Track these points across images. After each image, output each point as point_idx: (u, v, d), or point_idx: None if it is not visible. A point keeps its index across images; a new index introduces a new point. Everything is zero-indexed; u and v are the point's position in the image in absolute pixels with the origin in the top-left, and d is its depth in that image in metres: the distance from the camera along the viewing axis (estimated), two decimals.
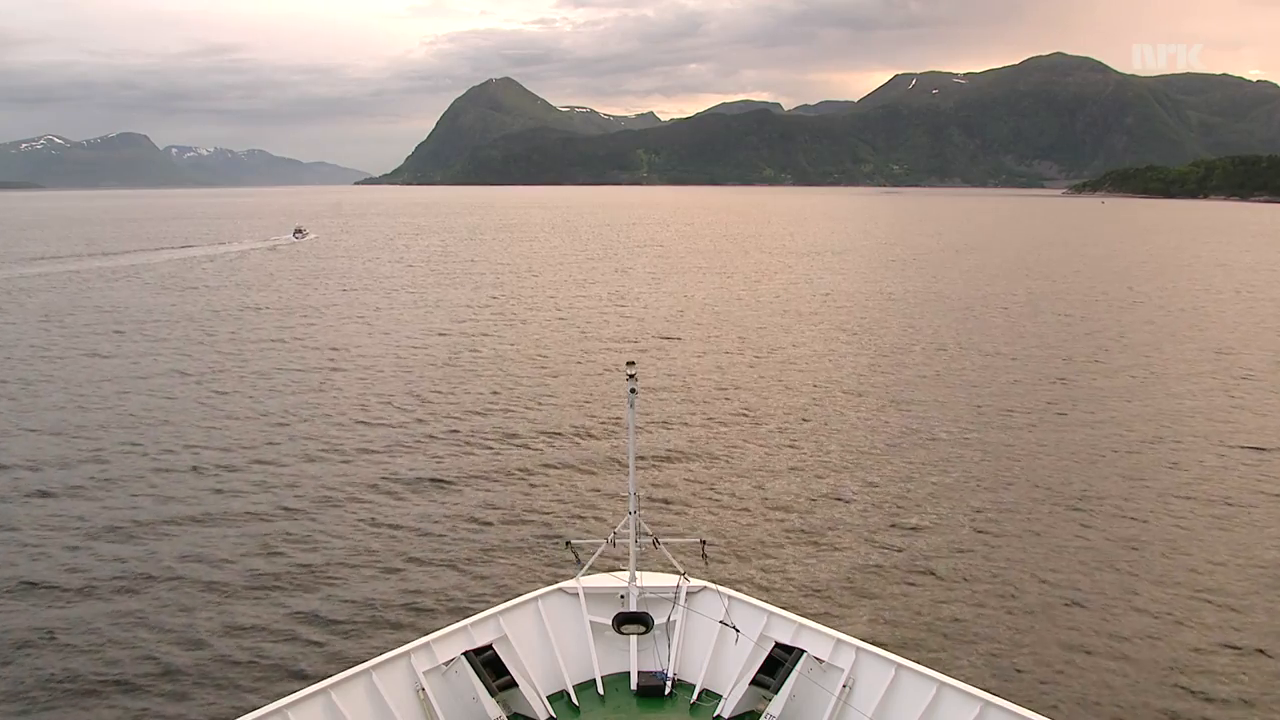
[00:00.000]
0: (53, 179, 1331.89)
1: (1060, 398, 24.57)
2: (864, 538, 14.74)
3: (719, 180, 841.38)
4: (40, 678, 10.51)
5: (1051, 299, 45.25)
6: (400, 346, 31.87)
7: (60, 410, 22.76)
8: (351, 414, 22.50)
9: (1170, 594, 12.69)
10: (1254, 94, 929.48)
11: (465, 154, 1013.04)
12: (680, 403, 23.79)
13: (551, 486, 17.24)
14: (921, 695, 6.90)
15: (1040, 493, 16.99)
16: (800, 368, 28.52)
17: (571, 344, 32.47)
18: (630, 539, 8.60)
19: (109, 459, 18.67)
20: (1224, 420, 22.18)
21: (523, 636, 7.99)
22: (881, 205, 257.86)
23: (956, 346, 32.14)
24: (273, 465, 18.37)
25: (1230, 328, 36.82)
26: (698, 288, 49.89)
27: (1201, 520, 15.46)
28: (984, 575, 13.35)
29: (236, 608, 12.24)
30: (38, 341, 32.41)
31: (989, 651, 11.15)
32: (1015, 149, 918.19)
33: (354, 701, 6.94)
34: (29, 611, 12.06)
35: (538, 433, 20.87)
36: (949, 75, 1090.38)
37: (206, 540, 14.54)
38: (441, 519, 15.53)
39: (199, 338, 33.50)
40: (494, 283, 52.76)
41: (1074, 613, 12.20)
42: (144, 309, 40.89)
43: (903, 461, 18.89)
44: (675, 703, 7.63)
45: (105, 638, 11.32)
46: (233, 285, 51.13)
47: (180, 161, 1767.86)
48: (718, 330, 35.56)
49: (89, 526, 15.02)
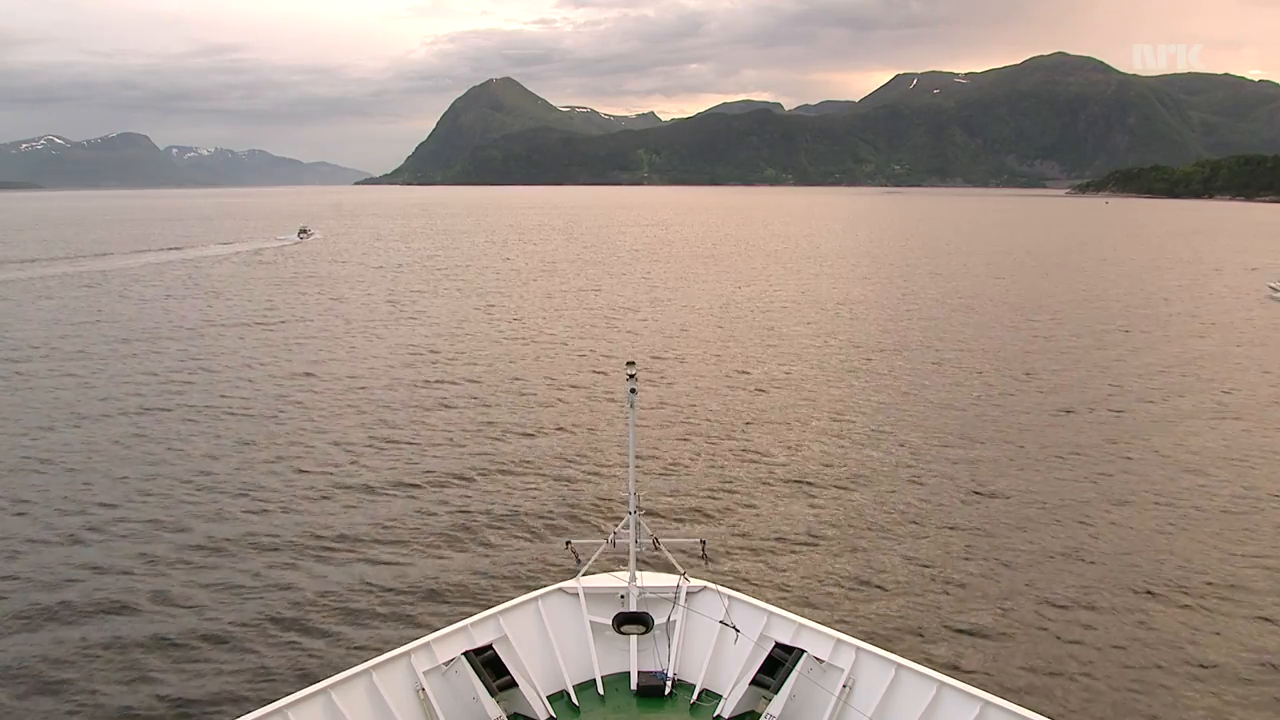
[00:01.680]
0: (53, 179, 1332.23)
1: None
2: (865, 537, 14.74)
3: (720, 180, 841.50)
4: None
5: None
6: (400, 347, 31.92)
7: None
8: (345, 413, 22.52)
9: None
10: (1256, 94, 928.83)
11: (466, 154, 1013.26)
12: (682, 401, 23.79)
13: (552, 487, 17.23)
14: (922, 695, 6.90)
15: (1052, 513, 16.95)
16: (805, 368, 28.54)
17: (572, 346, 32.48)
18: (630, 539, 8.61)
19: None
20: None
21: (523, 636, 8.00)
22: (888, 206, 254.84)
23: (994, 360, 29.82)
24: (268, 462, 18.41)
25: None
26: (701, 292, 49.88)
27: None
28: (987, 576, 13.35)
29: (237, 613, 12.26)
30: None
31: (991, 653, 11.15)
32: (1017, 149, 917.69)
33: (354, 701, 6.94)
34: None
35: (538, 433, 20.88)
36: (950, 75, 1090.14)
37: (209, 542, 14.56)
38: (440, 520, 15.53)
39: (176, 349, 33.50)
40: (497, 287, 52.76)
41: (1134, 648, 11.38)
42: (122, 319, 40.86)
43: (912, 464, 18.87)
44: (675, 703, 7.63)
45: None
46: (242, 289, 51.17)
47: (181, 162, 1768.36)
48: (724, 343, 35.49)
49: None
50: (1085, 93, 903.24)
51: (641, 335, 34.65)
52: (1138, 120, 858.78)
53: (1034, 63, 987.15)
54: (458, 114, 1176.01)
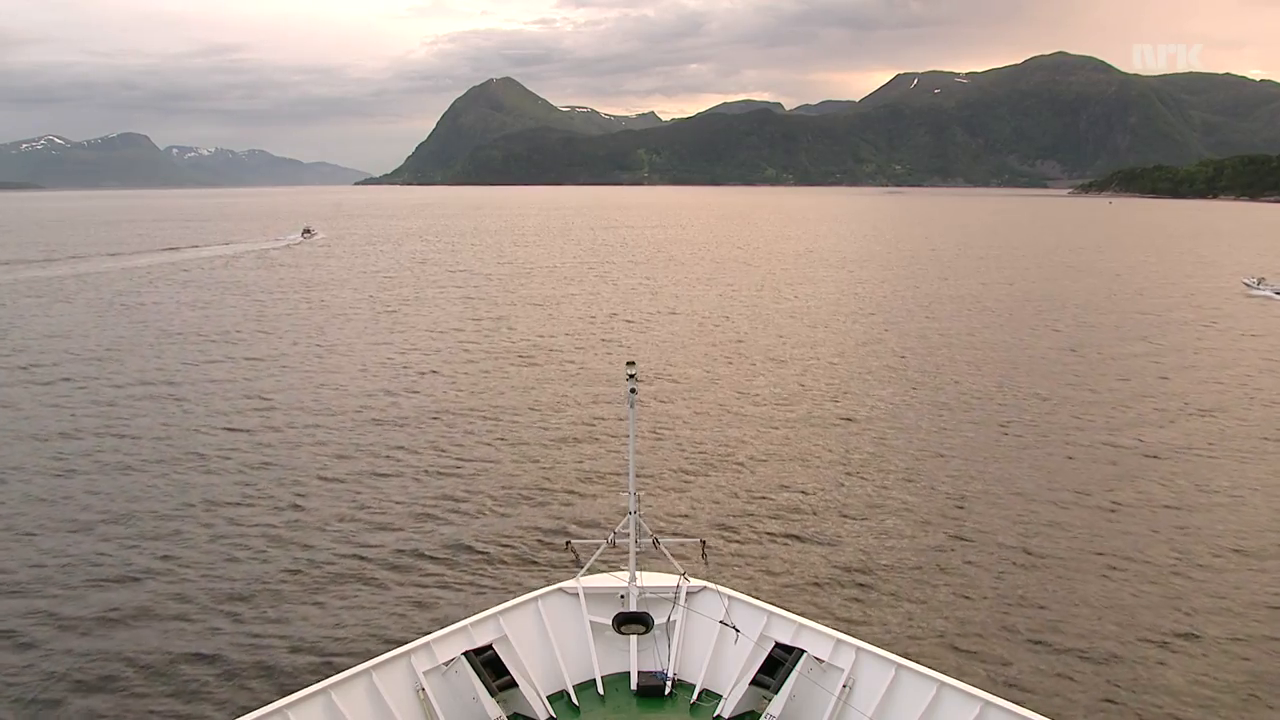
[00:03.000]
0: (53, 179, 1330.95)
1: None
2: (868, 538, 14.73)
3: (720, 180, 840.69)
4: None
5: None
6: (400, 347, 31.92)
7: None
8: (348, 410, 22.53)
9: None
10: (1257, 93, 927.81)
11: (466, 154, 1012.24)
12: (681, 404, 23.78)
13: (552, 487, 17.23)
14: (921, 695, 6.89)
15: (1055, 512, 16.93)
16: (810, 366, 28.51)
17: (572, 344, 32.47)
18: (630, 539, 8.60)
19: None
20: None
21: (523, 636, 7.99)
22: (892, 206, 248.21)
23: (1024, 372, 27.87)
24: (264, 458, 18.41)
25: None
26: (701, 296, 49.83)
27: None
28: (990, 577, 13.35)
29: (245, 614, 12.27)
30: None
31: (992, 655, 11.14)
32: (1018, 149, 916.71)
33: (354, 701, 6.94)
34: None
35: (537, 433, 20.88)
36: (951, 75, 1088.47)
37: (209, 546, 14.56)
38: (441, 518, 15.53)
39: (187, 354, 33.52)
40: (497, 290, 52.74)
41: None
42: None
43: (915, 464, 18.87)
44: (675, 703, 7.62)
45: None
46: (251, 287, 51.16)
47: (181, 162, 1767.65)
48: (732, 342, 35.43)
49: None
50: (1086, 92, 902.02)
51: (649, 321, 34.74)
52: (1139, 120, 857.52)
53: (1035, 62, 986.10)
54: (458, 114, 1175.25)
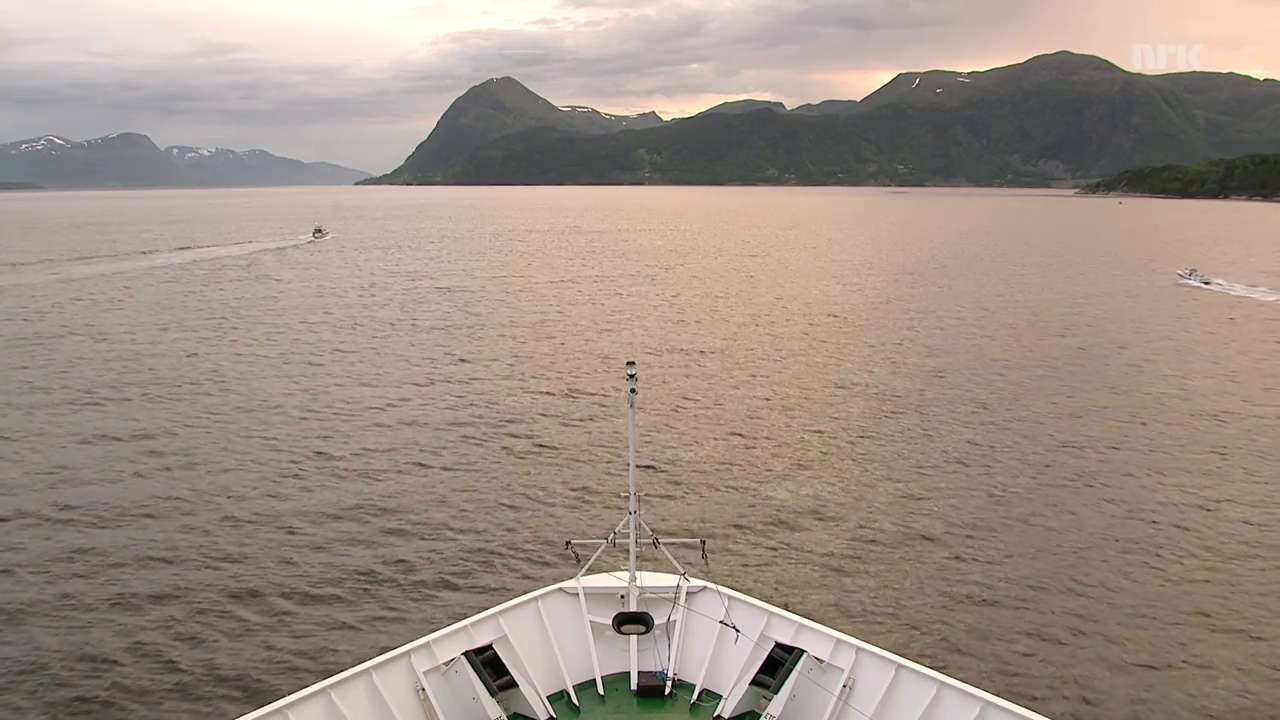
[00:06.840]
0: (53, 179, 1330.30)
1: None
2: (868, 538, 14.72)
3: (721, 180, 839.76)
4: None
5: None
6: (399, 347, 31.94)
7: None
8: (352, 415, 22.55)
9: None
10: (1260, 93, 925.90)
11: (466, 154, 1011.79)
12: (683, 401, 23.78)
13: (552, 487, 17.24)
14: (921, 695, 6.88)
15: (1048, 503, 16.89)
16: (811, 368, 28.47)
17: (571, 346, 32.47)
18: (630, 539, 8.59)
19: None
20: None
21: (523, 636, 7.98)
22: (897, 208, 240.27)
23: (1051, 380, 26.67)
24: (262, 458, 18.43)
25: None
26: (701, 301, 49.79)
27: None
28: (991, 578, 13.33)
29: (250, 617, 12.25)
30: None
31: (992, 655, 11.14)
32: (1021, 148, 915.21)
33: (354, 701, 6.93)
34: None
35: (536, 434, 20.88)
36: (953, 74, 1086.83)
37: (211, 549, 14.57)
38: (441, 519, 15.54)
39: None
40: (501, 292, 52.77)
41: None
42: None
43: (915, 464, 18.85)
44: (675, 703, 7.61)
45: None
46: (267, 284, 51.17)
47: (181, 162, 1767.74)
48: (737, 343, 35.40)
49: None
50: (1089, 92, 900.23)
51: (648, 323, 34.66)
52: (1143, 119, 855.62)
53: (1038, 62, 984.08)
54: (458, 114, 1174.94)
